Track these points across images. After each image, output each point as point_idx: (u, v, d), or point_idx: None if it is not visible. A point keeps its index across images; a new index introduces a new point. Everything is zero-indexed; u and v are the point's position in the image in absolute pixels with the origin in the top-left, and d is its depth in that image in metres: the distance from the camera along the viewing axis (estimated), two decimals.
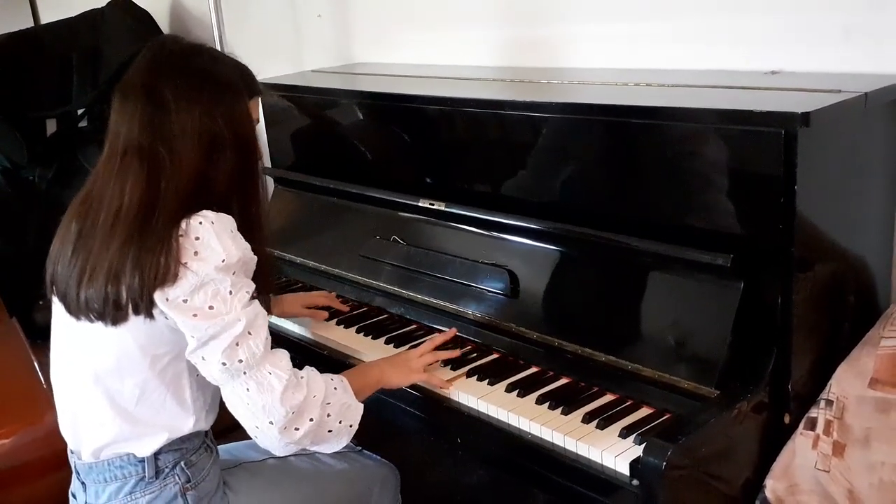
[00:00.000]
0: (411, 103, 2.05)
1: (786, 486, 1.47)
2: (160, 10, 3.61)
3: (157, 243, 1.35)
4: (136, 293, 1.36)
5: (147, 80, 1.45)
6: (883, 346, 1.51)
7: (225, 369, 1.38)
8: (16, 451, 2.02)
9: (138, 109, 1.43)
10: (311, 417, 1.42)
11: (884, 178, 1.67)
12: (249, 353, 1.38)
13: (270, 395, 1.39)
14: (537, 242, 1.77)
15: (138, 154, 1.41)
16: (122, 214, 1.39)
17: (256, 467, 1.67)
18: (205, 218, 1.38)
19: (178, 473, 1.51)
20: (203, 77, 1.45)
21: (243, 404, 1.40)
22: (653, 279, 1.59)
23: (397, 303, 1.99)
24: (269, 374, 1.40)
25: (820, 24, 1.73)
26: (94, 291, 1.39)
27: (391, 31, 2.66)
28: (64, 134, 3.48)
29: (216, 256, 1.37)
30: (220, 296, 1.37)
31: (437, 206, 1.94)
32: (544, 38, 2.24)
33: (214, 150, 1.43)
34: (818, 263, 1.52)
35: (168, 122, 1.41)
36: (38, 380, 2.20)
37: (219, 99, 1.45)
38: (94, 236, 1.40)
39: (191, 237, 1.36)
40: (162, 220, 1.37)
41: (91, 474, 1.53)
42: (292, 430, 1.41)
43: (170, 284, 1.35)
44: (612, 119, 1.65)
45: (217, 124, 1.43)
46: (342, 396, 1.49)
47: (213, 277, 1.36)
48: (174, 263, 1.34)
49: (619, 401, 1.55)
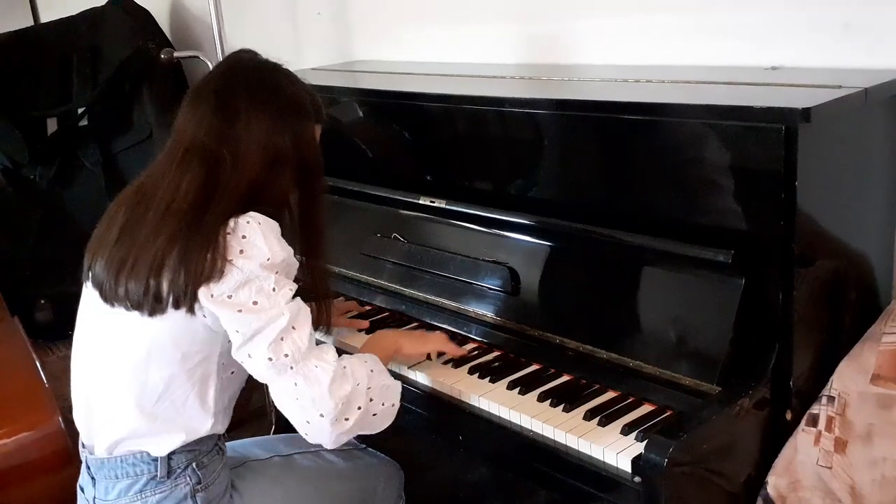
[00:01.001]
0: (411, 101, 2.05)
1: (788, 483, 1.47)
2: (160, 8, 3.61)
3: (204, 240, 1.37)
4: (180, 288, 1.38)
5: (221, 88, 1.49)
6: (885, 342, 1.51)
7: (271, 365, 1.39)
8: (18, 451, 2.02)
9: (208, 114, 1.47)
10: (359, 406, 1.44)
11: (885, 174, 1.66)
12: (294, 348, 1.40)
13: (318, 388, 1.40)
14: (538, 239, 1.77)
15: (200, 154, 1.45)
16: (173, 208, 1.41)
17: (262, 466, 1.68)
18: (252, 218, 1.41)
19: (189, 474, 1.51)
20: (276, 93, 1.50)
21: (292, 399, 1.41)
22: (654, 276, 1.59)
23: (398, 300, 1.99)
24: (315, 368, 1.41)
25: (820, 20, 1.72)
26: (135, 281, 1.40)
27: (390, 28, 2.66)
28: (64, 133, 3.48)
29: (261, 254, 1.39)
30: (264, 292, 1.39)
31: (438, 204, 1.94)
32: (544, 34, 2.23)
33: (276, 164, 1.48)
34: (819, 259, 1.52)
35: (236, 129, 1.45)
36: (40, 379, 2.21)
37: (288, 116, 1.49)
38: (143, 226, 1.42)
39: (238, 235, 1.39)
40: (211, 219, 1.39)
41: (102, 469, 1.53)
42: (343, 420, 1.42)
43: (215, 281, 1.37)
44: (612, 116, 1.65)
45: (283, 140, 1.48)
46: (379, 378, 1.51)
47: (258, 274, 1.39)
48: (220, 260, 1.37)
49: (620, 398, 1.55)
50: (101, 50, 3.41)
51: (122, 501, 1.51)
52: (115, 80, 3.35)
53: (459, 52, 2.44)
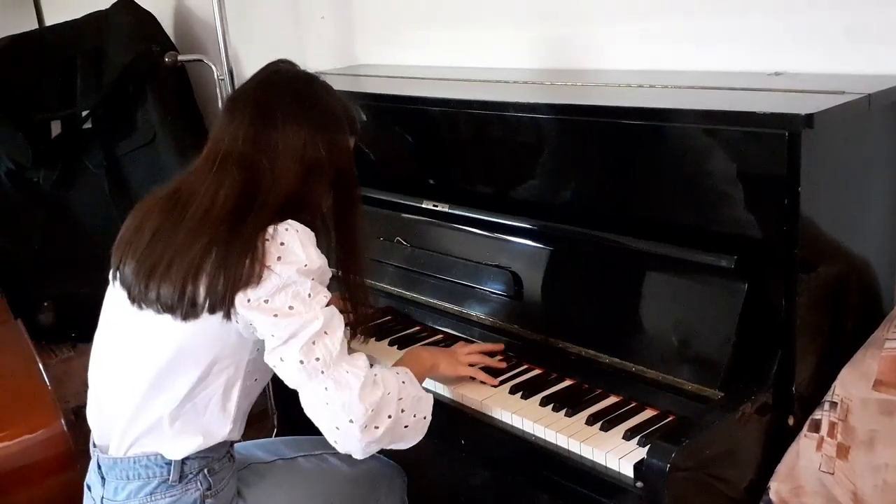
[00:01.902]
0: (414, 105, 2.05)
1: (790, 488, 1.47)
2: (164, 11, 3.61)
3: (243, 246, 1.38)
4: (218, 293, 1.38)
5: (259, 96, 1.50)
6: (887, 348, 1.51)
7: (302, 368, 1.39)
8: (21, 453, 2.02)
9: (245, 122, 1.47)
10: (390, 414, 1.43)
11: (887, 180, 1.66)
12: (326, 352, 1.40)
13: (349, 393, 1.39)
14: (541, 244, 1.77)
15: (238, 162, 1.45)
16: (212, 214, 1.42)
17: (265, 468, 1.68)
18: (290, 225, 1.42)
19: (200, 480, 1.51)
20: (313, 103, 1.51)
21: (322, 404, 1.40)
22: (656, 281, 1.59)
23: (400, 304, 1.99)
24: (346, 373, 1.40)
25: (823, 26, 1.72)
26: (169, 284, 1.41)
27: (394, 32, 2.66)
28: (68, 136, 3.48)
29: (299, 260, 1.40)
30: (300, 297, 1.40)
31: (441, 208, 1.94)
32: (548, 39, 2.24)
33: (312, 174, 1.49)
34: (822, 265, 1.51)
35: (273, 138, 1.46)
36: (43, 381, 2.21)
37: (324, 127, 1.50)
38: (178, 231, 1.43)
39: (276, 241, 1.40)
40: (251, 226, 1.40)
41: (114, 469, 1.52)
42: (372, 428, 1.41)
43: (252, 286, 1.38)
44: (615, 121, 1.65)
45: (319, 150, 1.48)
46: (412, 389, 1.50)
47: (295, 280, 1.39)
48: (259, 265, 1.38)
49: (623, 403, 1.55)
50: (105, 53, 3.42)
51: (132, 502, 1.51)
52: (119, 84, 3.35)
53: (463, 56, 2.44)
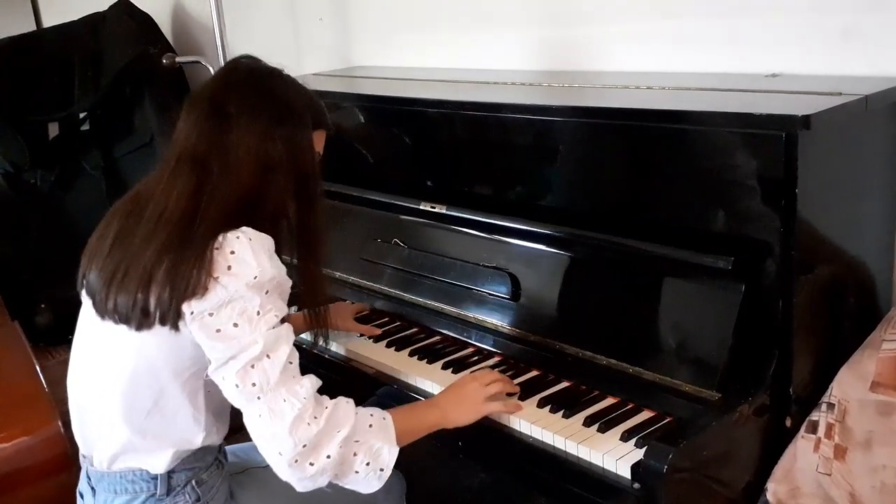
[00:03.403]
0: (412, 106, 2.05)
1: (787, 490, 1.47)
2: (162, 13, 3.61)
3: (192, 254, 1.33)
4: (165, 304, 1.33)
5: (214, 93, 1.46)
6: (884, 350, 1.51)
7: (238, 391, 1.34)
8: (17, 455, 2.01)
9: (200, 120, 1.44)
10: (328, 454, 1.34)
11: (884, 181, 1.66)
12: (263, 378, 1.33)
13: (280, 424, 1.32)
14: (538, 246, 1.77)
15: (190, 162, 1.41)
16: (164, 218, 1.38)
17: (262, 473, 1.65)
18: (243, 233, 1.36)
19: (188, 492, 1.49)
20: (270, 98, 1.46)
21: (255, 430, 1.35)
22: (654, 282, 1.59)
23: (398, 305, 1.99)
24: (283, 402, 1.33)
25: (820, 27, 1.73)
26: (124, 294, 1.37)
27: (392, 34, 2.67)
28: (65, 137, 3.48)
29: (249, 272, 1.34)
30: (247, 314, 1.34)
31: (438, 209, 1.94)
32: (545, 40, 2.24)
33: (269, 171, 1.43)
34: (819, 266, 1.52)
35: (227, 135, 1.41)
36: (40, 383, 2.20)
37: (281, 122, 1.44)
38: (134, 236, 1.39)
39: (225, 251, 1.34)
40: (201, 231, 1.35)
41: (102, 482, 1.51)
42: (305, 464, 1.33)
43: (198, 297, 1.32)
44: (612, 122, 1.65)
45: (275, 146, 1.43)
46: (375, 436, 1.40)
47: (243, 294, 1.33)
48: (205, 276, 1.32)
49: (620, 404, 1.55)
50: (102, 54, 3.42)
51: None
52: (117, 85, 3.35)
53: (460, 58, 2.44)
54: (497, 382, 1.57)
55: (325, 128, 1.56)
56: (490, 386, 1.55)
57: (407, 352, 1.82)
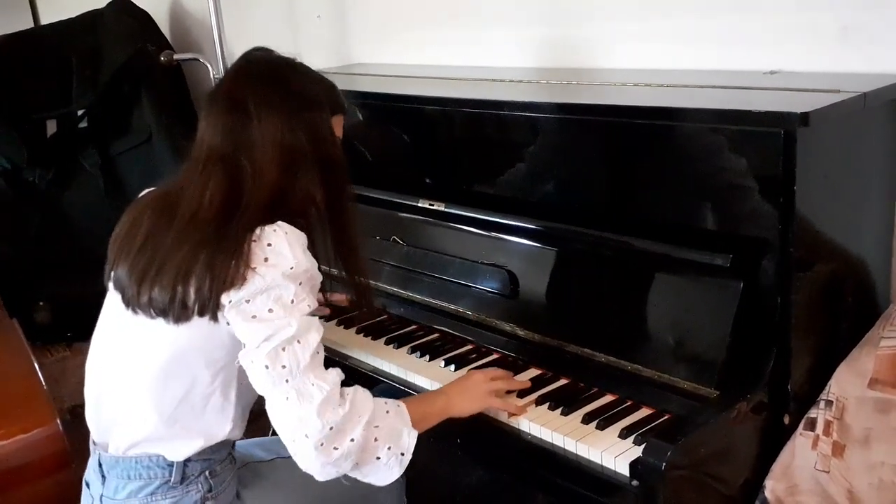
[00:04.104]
0: (411, 104, 2.05)
1: (785, 487, 1.47)
2: (160, 10, 3.61)
3: (230, 247, 1.36)
4: (205, 295, 1.36)
5: (231, 90, 1.48)
6: (882, 347, 1.51)
7: (268, 373, 1.36)
8: (16, 453, 2.01)
9: (221, 118, 1.45)
10: (353, 437, 1.36)
11: (883, 178, 1.66)
12: (294, 361, 1.36)
13: (308, 406, 1.34)
14: (536, 243, 1.77)
15: (221, 162, 1.44)
16: (199, 217, 1.40)
17: (263, 467, 1.67)
18: (279, 227, 1.39)
19: (201, 482, 1.50)
20: (285, 89, 1.47)
21: (281, 415, 1.37)
22: (652, 279, 1.59)
23: (397, 303, 1.99)
24: (311, 385, 1.36)
25: (818, 24, 1.73)
26: (160, 289, 1.39)
27: (390, 31, 2.66)
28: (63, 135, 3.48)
29: (286, 263, 1.37)
30: (282, 301, 1.37)
31: (437, 207, 1.94)
32: (544, 38, 2.24)
33: (294, 163, 1.45)
34: (817, 263, 1.52)
35: (249, 131, 1.43)
36: (39, 381, 2.20)
37: (300, 111, 1.46)
38: (168, 234, 1.42)
39: (263, 243, 1.37)
40: (239, 227, 1.38)
41: (116, 468, 1.51)
42: (330, 448, 1.35)
43: (237, 287, 1.35)
44: (610, 119, 1.65)
45: (297, 137, 1.45)
46: (394, 421, 1.43)
47: (279, 283, 1.37)
48: (244, 267, 1.35)
49: (618, 401, 1.55)
50: (100, 52, 3.42)
51: (132, 502, 1.50)
52: (115, 83, 3.35)
53: (459, 55, 2.44)
54: (503, 379, 1.60)
55: (342, 111, 1.58)
56: (496, 382, 1.58)
57: (406, 349, 1.82)
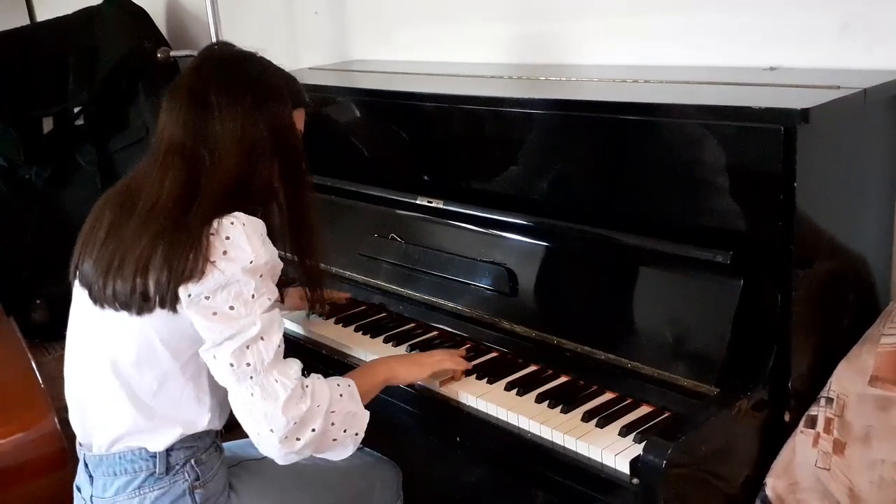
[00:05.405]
0: (409, 100, 2.05)
1: (786, 485, 1.47)
2: (156, 7, 3.60)
3: (188, 239, 1.37)
4: (164, 287, 1.37)
5: (193, 83, 1.49)
6: (883, 344, 1.51)
7: (232, 371, 1.39)
8: (13, 452, 2.01)
9: (182, 111, 1.46)
10: (314, 428, 1.41)
11: (883, 175, 1.66)
12: (258, 359, 1.39)
13: (273, 404, 1.38)
14: (535, 240, 1.77)
15: (180, 153, 1.45)
16: (157, 208, 1.42)
17: (258, 465, 1.67)
18: (236, 219, 1.40)
19: (187, 471, 1.51)
20: (247, 82, 1.48)
21: (246, 409, 1.40)
22: (652, 276, 1.59)
23: (395, 301, 1.99)
24: (275, 382, 1.39)
25: (818, 20, 1.72)
26: (121, 281, 1.41)
27: (388, 28, 2.66)
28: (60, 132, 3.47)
29: (245, 257, 1.39)
30: (242, 297, 1.39)
31: (435, 204, 1.93)
32: (541, 34, 2.23)
33: (255, 155, 1.46)
34: (818, 260, 1.51)
35: (210, 124, 1.44)
36: (36, 379, 2.20)
37: (261, 104, 1.47)
38: (128, 227, 1.43)
39: (221, 236, 1.38)
40: (196, 218, 1.39)
41: (101, 466, 1.52)
42: (293, 440, 1.40)
43: (195, 281, 1.36)
44: (610, 116, 1.65)
45: (258, 129, 1.46)
46: (348, 404, 1.48)
47: (239, 279, 1.38)
48: (202, 260, 1.36)
49: (618, 399, 1.55)
50: (97, 49, 3.41)
51: (121, 498, 1.50)
52: (112, 80, 3.34)
53: (458, 52, 2.43)
54: (450, 360, 1.67)
55: (304, 105, 1.59)
56: (440, 359, 1.66)
57: (405, 347, 1.82)
